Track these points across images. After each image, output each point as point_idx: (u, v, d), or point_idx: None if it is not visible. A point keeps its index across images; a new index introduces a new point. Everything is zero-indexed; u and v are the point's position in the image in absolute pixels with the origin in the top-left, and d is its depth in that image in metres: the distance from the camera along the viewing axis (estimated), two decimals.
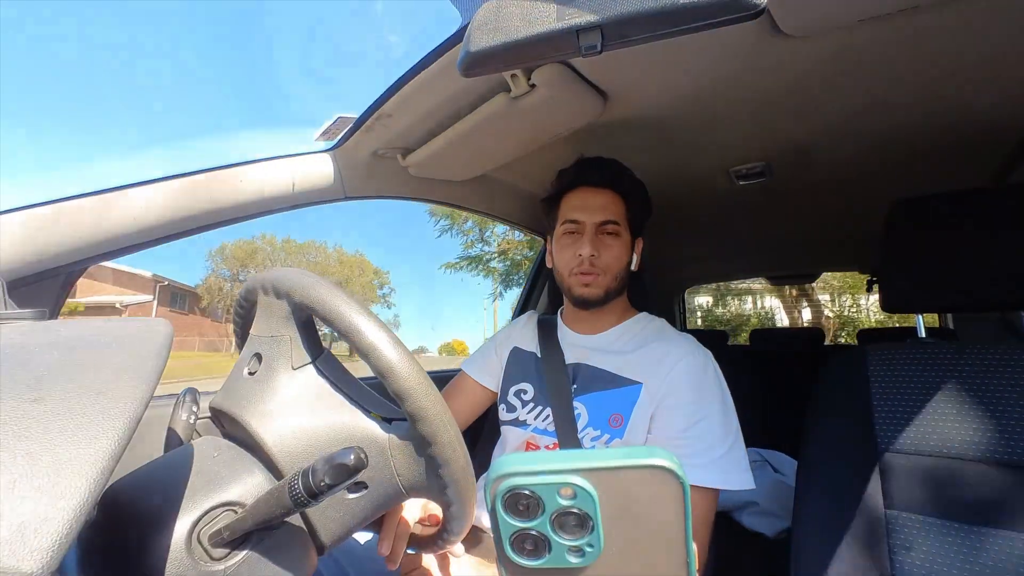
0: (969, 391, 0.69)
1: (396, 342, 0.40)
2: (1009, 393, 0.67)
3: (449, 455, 0.40)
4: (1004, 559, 0.61)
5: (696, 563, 0.25)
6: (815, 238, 1.82)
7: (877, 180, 1.22)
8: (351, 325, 0.39)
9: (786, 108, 0.89)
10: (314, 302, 0.41)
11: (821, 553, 0.68)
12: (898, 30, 0.65)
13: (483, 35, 0.43)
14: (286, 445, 0.40)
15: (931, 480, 0.68)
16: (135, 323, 0.34)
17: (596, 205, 0.87)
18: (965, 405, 0.69)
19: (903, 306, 0.80)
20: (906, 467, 0.69)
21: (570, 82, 0.77)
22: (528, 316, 1.04)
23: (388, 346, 0.39)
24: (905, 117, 0.92)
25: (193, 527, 0.35)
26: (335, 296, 0.41)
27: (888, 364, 0.76)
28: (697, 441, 0.73)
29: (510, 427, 0.90)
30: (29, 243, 0.64)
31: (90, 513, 0.21)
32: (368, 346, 0.39)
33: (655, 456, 0.24)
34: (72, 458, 0.22)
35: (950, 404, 0.70)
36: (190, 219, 0.79)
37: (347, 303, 0.40)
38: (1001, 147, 1.02)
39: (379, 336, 0.39)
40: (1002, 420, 0.66)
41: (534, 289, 1.63)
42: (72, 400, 0.24)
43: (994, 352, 0.70)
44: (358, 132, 0.89)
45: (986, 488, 0.64)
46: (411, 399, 0.39)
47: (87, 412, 0.24)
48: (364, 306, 0.41)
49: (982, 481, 0.65)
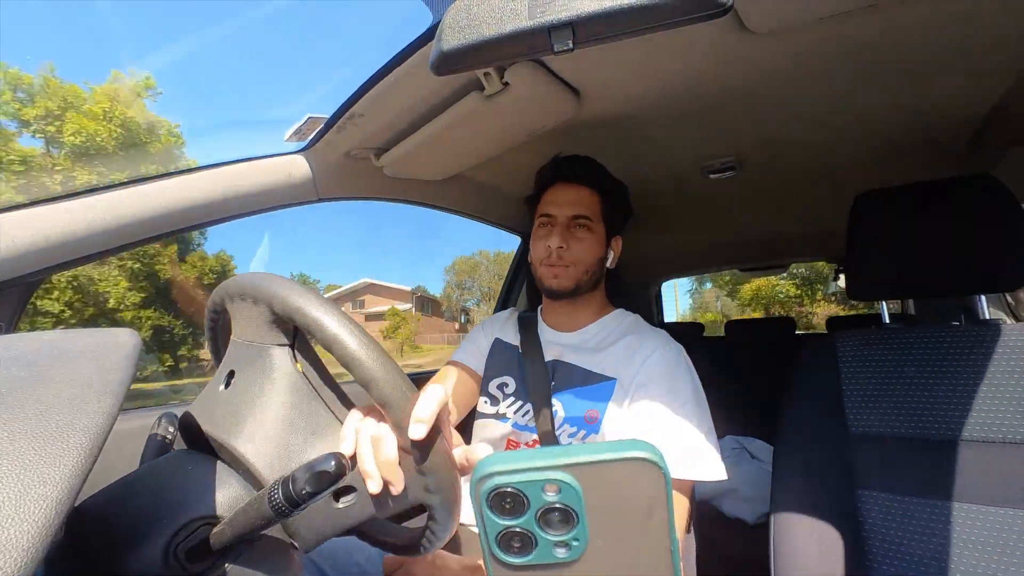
0: (931, 372, 0.73)
1: (379, 352, 0.39)
2: (967, 372, 0.70)
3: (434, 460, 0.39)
4: (970, 531, 0.64)
5: (680, 552, 0.26)
6: (785, 229, 1.87)
7: (843, 173, 1.27)
8: (333, 336, 0.38)
9: (754, 104, 0.91)
10: (293, 310, 0.40)
11: (798, 535, 0.71)
12: (858, 28, 0.68)
13: (455, 33, 0.43)
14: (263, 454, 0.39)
15: (899, 459, 0.71)
16: (99, 334, 0.33)
17: (569, 200, 0.89)
18: (927, 386, 0.72)
19: (868, 293, 0.83)
20: (875, 448, 0.72)
21: (543, 80, 0.78)
22: (509, 312, 1.05)
23: (371, 358, 0.38)
24: (867, 112, 0.95)
25: (169, 543, 0.33)
26: (315, 304, 0.40)
27: (855, 349, 0.79)
28: (671, 434, 0.74)
29: (490, 420, 0.90)
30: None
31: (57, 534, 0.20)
32: (351, 358, 0.38)
33: (637, 449, 0.24)
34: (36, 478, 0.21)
35: (914, 385, 0.73)
36: (157, 224, 0.76)
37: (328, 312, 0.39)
38: (957, 140, 1.07)
39: (361, 347, 0.38)
40: (962, 399, 0.70)
41: (514, 285, 1.64)
42: (34, 417, 0.23)
43: (952, 334, 0.73)
44: (330, 132, 0.87)
45: (950, 465, 0.68)
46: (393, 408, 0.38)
47: (51, 429, 0.23)
48: (345, 315, 0.39)
49: (945, 458, 0.68)
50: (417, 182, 1.12)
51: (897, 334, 0.77)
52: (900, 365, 0.75)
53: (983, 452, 0.67)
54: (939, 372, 0.72)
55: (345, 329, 0.38)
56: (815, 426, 0.77)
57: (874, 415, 0.74)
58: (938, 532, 0.65)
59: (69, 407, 0.24)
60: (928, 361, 0.73)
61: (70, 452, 0.22)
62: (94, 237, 0.70)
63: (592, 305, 0.93)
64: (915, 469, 0.69)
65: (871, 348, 0.78)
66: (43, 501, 0.20)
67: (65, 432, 0.23)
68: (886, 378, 0.75)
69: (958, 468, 0.67)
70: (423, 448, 0.38)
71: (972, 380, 0.70)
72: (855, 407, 0.75)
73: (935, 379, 0.72)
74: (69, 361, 0.28)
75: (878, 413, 0.74)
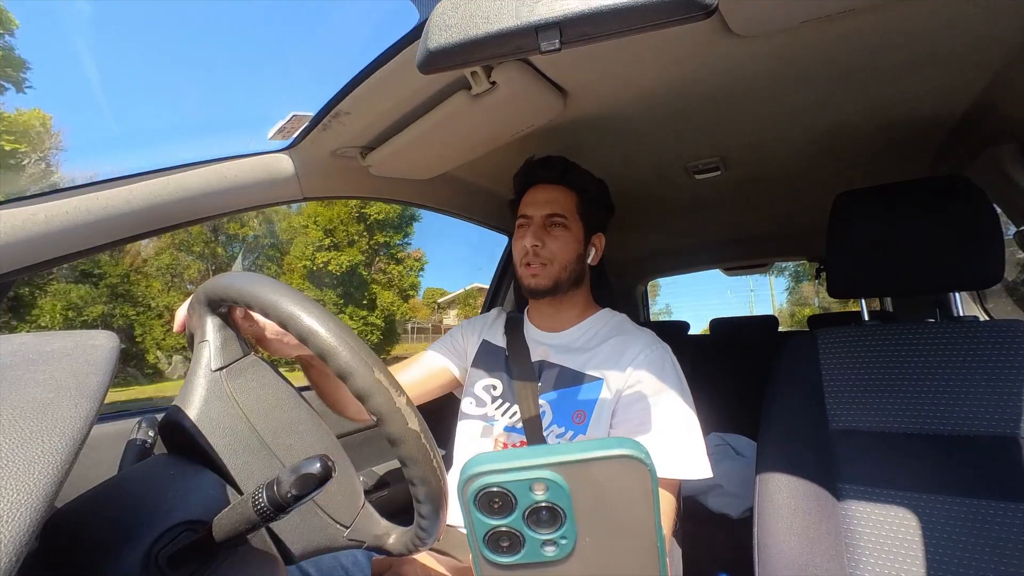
0: (909, 368, 0.74)
1: (352, 337, 0.39)
2: (944, 368, 0.72)
3: (417, 455, 0.39)
4: (948, 524, 0.66)
5: (667, 548, 0.26)
6: (768, 229, 1.90)
7: (824, 173, 1.29)
8: (306, 331, 0.38)
9: (738, 105, 0.92)
10: (247, 296, 0.40)
11: (780, 528, 0.72)
12: (838, 31, 0.69)
13: (442, 32, 0.42)
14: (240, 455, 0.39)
15: (876, 453, 0.72)
16: (75, 336, 0.32)
17: (544, 200, 0.90)
18: (906, 381, 0.74)
19: (848, 291, 0.85)
20: (855, 442, 0.74)
21: (531, 80, 0.78)
22: (497, 312, 1.05)
23: (346, 343, 0.38)
24: (847, 113, 0.97)
25: (150, 549, 0.33)
26: (274, 291, 0.39)
27: (836, 346, 0.80)
28: (657, 433, 0.75)
29: (477, 421, 0.90)
30: None
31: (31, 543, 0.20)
32: (327, 347, 0.38)
33: (624, 447, 0.24)
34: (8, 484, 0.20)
35: (891, 380, 0.75)
36: (138, 223, 0.74)
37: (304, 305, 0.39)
38: (932, 140, 1.10)
39: (337, 334, 0.38)
40: (939, 394, 0.72)
41: (500, 286, 1.64)
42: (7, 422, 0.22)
43: (929, 331, 0.75)
44: (314, 131, 0.86)
45: (929, 459, 0.69)
46: (373, 399, 0.38)
47: (24, 434, 0.22)
48: (313, 303, 0.39)
49: (921, 452, 0.70)
50: (403, 181, 1.11)
51: (876, 331, 0.79)
52: (879, 361, 0.77)
53: (960, 446, 0.69)
54: (917, 368, 0.74)
55: (299, 306, 0.38)
56: (797, 421, 0.78)
57: (854, 410, 0.75)
58: (917, 525, 0.67)
59: (44, 411, 0.24)
60: (906, 357, 0.75)
61: (45, 457, 0.21)
62: (71, 236, 0.68)
63: (577, 304, 0.94)
64: (894, 463, 0.71)
65: (851, 345, 0.79)
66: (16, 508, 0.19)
67: (40, 437, 0.22)
68: (866, 374, 0.77)
69: (936, 462, 0.69)
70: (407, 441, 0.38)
71: (949, 375, 0.72)
72: (835, 402, 0.77)
73: (913, 375, 0.74)
74: (44, 364, 0.27)
75: (858, 408, 0.75)
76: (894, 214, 0.80)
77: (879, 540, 0.68)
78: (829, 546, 0.70)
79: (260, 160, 0.87)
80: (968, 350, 0.73)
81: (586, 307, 0.95)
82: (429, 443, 0.40)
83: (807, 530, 0.71)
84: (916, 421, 0.72)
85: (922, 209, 0.79)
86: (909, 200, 0.80)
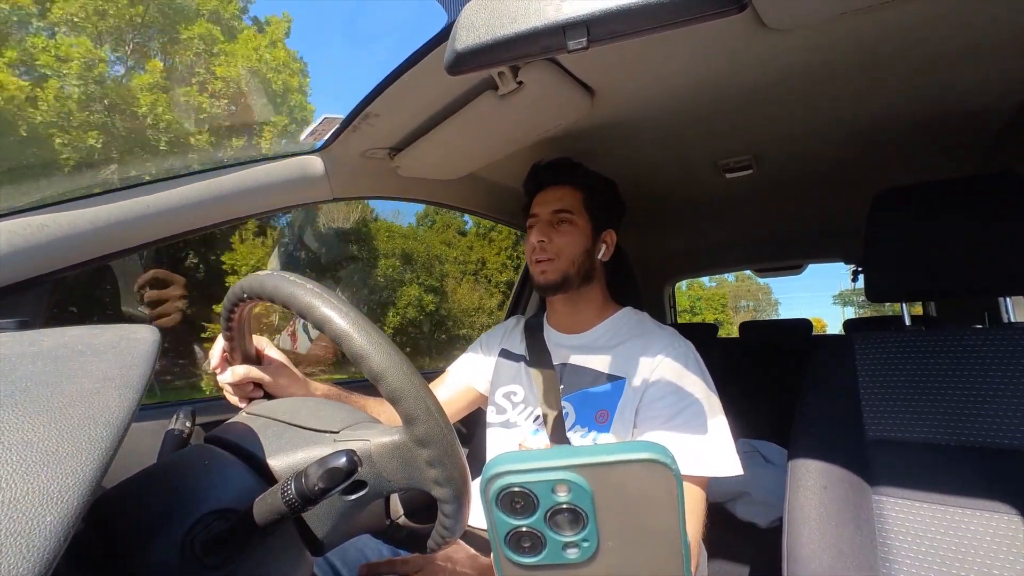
0: (951, 376, 0.71)
1: (387, 344, 0.39)
2: (990, 377, 0.69)
3: (444, 456, 0.40)
4: (990, 541, 0.62)
5: (691, 554, 0.26)
6: (801, 229, 1.84)
7: (862, 171, 1.24)
8: (341, 331, 0.39)
9: (771, 101, 0.90)
10: (287, 297, 0.41)
11: (813, 540, 0.70)
12: (879, 22, 0.66)
13: (469, 33, 0.43)
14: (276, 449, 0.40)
15: (916, 464, 0.69)
16: (120, 330, 0.33)
17: (550, 199, 0.92)
18: (947, 390, 0.70)
19: (887, 295, 0.82)
20: (893, 452, 0.71)
21: (558, 79, 0.77)
22: (516, 319, 1.05)
23: (379, 351, 0.38)
24: (888, 108, 0.93)
25: (186, 535, 0.34)
26: (322, 298, 0.40)
27: (874, 352, 0.77)
28: (682, 431, 0.74)
29: (499, 429, 0.91)
30: (13, 251, 0.63)
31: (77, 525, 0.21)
32: (359, 352, 0.38)
33: (648, 450, 0.24)
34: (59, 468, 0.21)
35: (933, 389, 0.71)
36: (178, 223, 0.78)
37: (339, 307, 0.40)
38: (982, 136, 1.04)
39: (370, 341, 0.39)
40: (982, 404, 0.68)
41: (522, 294, 1.64)
42: (58, 410, 0.24)
43: (975, 337, 0.71)
44: (345, 132, 0.88)
45: (968, 471, 0.66)
46: (404, 401, 0.38)
47: (74, 421, 0.23)
48: (357, 312, 0.40)
49: (964, 464, 0.66)
50: (430, 181, 1.13)
51: (918, 337, 0.75)
52: (921, 369, 0.73)
53: (1005, 459, 0.65)
54: (961, 376, 0.70)
55: (352, 324, 0.39)
56: (831, 429, 0.76)
57: (892, 419, 0.72)
58: (958, 541, 0.64)
59: (91, 401, 0.25)
60: (951, 365, 0.71)
61: (92, 444, 0.23)
62: (117, 234, 0.72)
63: (593, 303, 0.93)
64: (934, 475, 0.67)
65: (892, 350, 0.76)
66: (66, 490, 0.21)
67: (87, 425, 0.23)
68: (906, 382, 0.73)
69: (981, 476, 0.65)
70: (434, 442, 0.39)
71: (995, 385, 0.68)
72: (872, 410, 0.74)
73: (958, 383, 0.70)
74: (91, 356, 0.29)
75: (897, 417, 0.72)
76: (939, 213, 0.76)
77: (917, 556, 0.65)
78: (863, 560, 0.67)
79: (292, 162, 0.90)
80: (1019, 358, 0.68)
81: (604, 306, 0.94)
82: (453, 440, 0.40)
83: (840, 542, 0.68)
84: (960, 432, 0.68)
85: (970, 208, 0.75)
86: (956, 198, 0.76)
